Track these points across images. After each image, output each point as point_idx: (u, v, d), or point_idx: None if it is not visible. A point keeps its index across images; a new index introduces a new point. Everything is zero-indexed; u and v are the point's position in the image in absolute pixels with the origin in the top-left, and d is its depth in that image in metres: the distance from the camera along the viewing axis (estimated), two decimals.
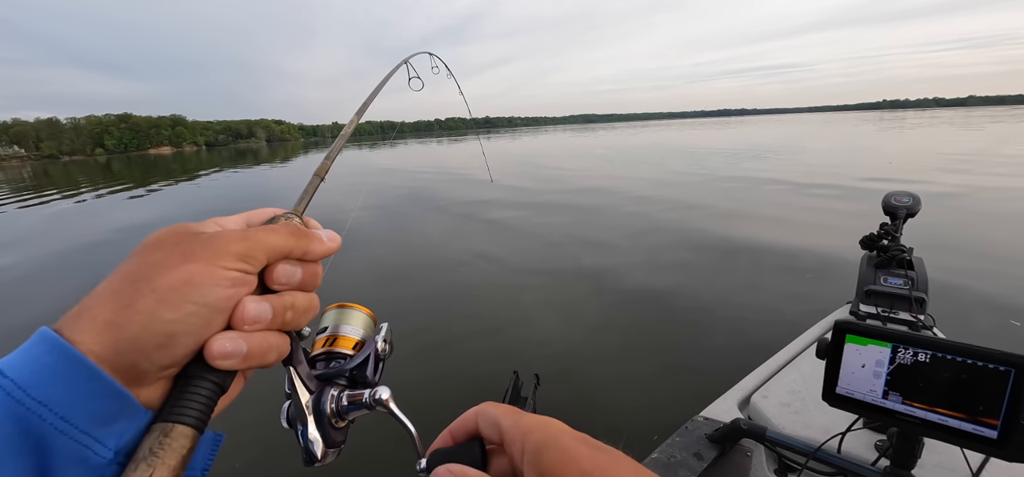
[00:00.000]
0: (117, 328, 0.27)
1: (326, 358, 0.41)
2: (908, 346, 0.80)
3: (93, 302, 0.28)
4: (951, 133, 27.50)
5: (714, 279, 4.85)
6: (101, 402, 0.26)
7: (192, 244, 0.30)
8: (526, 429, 0.31)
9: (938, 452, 1.03)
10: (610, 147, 29.09)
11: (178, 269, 0.29)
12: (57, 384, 0.25)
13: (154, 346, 0.27)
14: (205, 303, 0.29)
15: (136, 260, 0.29)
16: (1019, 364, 0.71)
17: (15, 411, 0.24)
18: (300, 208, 0.41)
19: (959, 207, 7.49)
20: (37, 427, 0.24)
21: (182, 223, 0.32)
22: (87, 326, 0.27)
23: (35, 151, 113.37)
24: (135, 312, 0.27)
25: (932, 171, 11.57)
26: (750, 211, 8.13)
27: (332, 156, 0.48)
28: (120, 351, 0.27)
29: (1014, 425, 0.72)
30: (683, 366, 3.23)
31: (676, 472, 1.16)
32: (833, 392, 0.89)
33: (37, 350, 0.26)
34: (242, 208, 0.40)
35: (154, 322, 0.27)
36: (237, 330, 0.31)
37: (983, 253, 5.15)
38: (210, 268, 0.30)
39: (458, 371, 3.28)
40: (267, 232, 0.34)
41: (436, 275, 5.43)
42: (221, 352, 0.30)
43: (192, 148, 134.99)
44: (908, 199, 1.52)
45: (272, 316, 0.32)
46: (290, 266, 0.34)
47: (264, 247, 0.33)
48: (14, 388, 0.24)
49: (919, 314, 1.23)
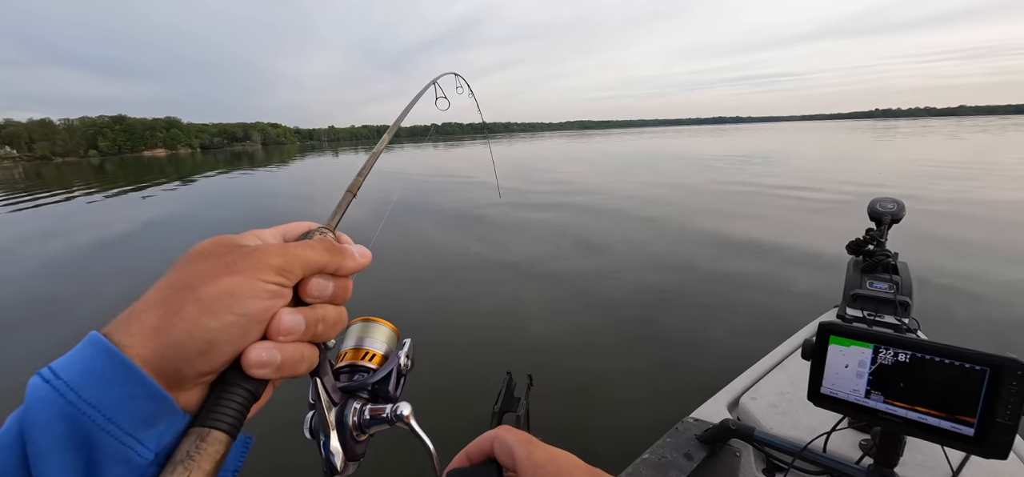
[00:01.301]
0: (163, 334, 0.28)
1: (350, 371, 0.42)
2: (889, 347, 0.83)
3: (142, 308, 0.29)
4: (940, 142, 27.91)
5: (706, 282, 4.89)
6: (145, 405, 0.27)
7: (235, 256, 0.31)
8: (538, 462, 0.32)
9: (920, 451, 1.05)
10: (607, 154, 29.23)
11: (221, 280, 0.30)
12: (106, 387, 0.26)
13: (196, 353, 0.29)
14: (245, 313, 0.30)
15: (182, 269, 0.31)
16: (994, 364, 0.74)
17: (67, 411, 0.25)
18: (333, 223, 0.42)
19: (945, 214, 7.61)
20: (86, 427, 0.26)
21: (225, 235, 0.34)
22: (136, 331, 0.28)
23: (28, 152, 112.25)
24: (180, 319, 0.28)
25: (921, 179, 11.73)
26: (741, 217, 8.20)
27: (364, 173, 0.49)
28: (165, 356, 0.28)
29: (990, 423, 0.75)
30: (675, 368, 3.25)
31: (666, 472, 1.17)
32: (818, 392, 0.91)
33: (88, 353, 0.27)
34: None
35: (197, 329, 0.28)
36: (272, 340, 0.32)
37: (966, 257, 5.24)
38: (250, 280, 0.31)
39: (460, 370, 3.28)
40: (304, 247, 0.35)
41: (440, 275, 5.44)
42: (257, 361, 0.31)
43: (187, 151, 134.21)
44: (893, 205, 1.55)
45: (305, 328, 0.33)
46: (323, 280, 0.35)
47: (301, 262, 0.34)
48: (67, 389, 0.26)
49: (903, 317, 1.25)
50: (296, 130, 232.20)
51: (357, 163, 8.17)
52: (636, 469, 1.19)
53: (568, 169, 19.20)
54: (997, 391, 0.73)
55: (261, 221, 2.41)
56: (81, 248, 8.16)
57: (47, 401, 0.26)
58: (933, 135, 38.04)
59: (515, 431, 0.39)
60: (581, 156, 27.45)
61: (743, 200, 9.90)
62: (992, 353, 0.74)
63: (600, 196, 11.13)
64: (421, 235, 7.60)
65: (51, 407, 0.25)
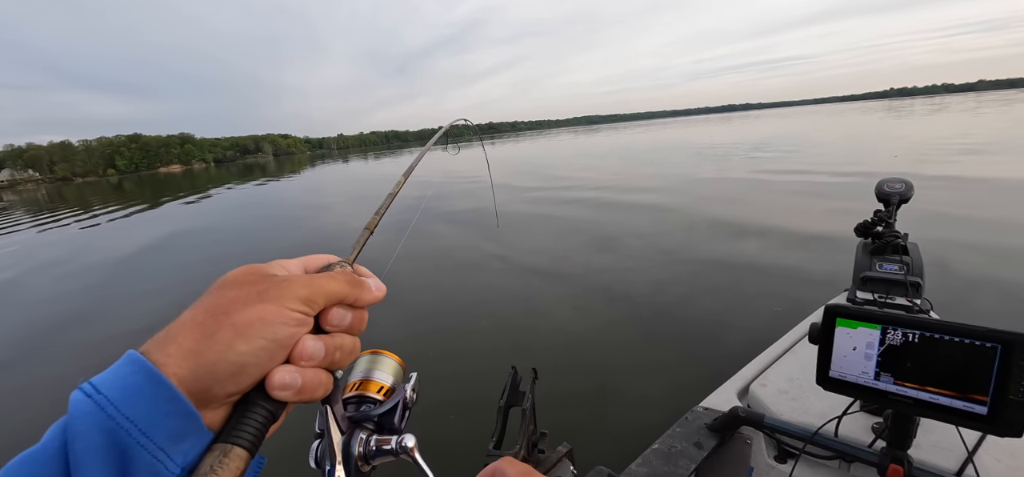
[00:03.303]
0: (199, 356, 0.30)
1: (357, 401, 0.43)
2: (897, 327, 0.81)
3: (179, 330, 0.31)
4: (954, 119, 27.10)
5: (718, 271, 4.84)
6: (176, 421, 0.29)
7: (265, 285, 0.34)
8: None
9: (934, 432, 1.03)
10: (613, 149, 29.03)
11: (254, 307, 0.32)
12: (143, 403, 0.28)
13: (228, 375, 0.31)
14: (273, 339, 0.32)
15: (217, 295, 0.33)
16: (1006, 340, 0.72)
17: (106, 424, 0.27)
18: (351, 257, 0.44)
19: (962, 192, 7.39)
20: (123, 441, 0.27)
21: (255, 265, 0.36)
22: (173, 351, 0.30)
23: (49, 174, 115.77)
24: (215, 342, 0.30)
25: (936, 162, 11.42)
26: (752, 205, 8.10)
27: (381, 212, 0.51)
28: (199, 376, 0.30)
29: (1003, 400, 0.73)
30: (685, 358, 3.23)
31: (676, 462, 1.17)
32: (826, 376, 0.90)
33: (127, 370, 0.29)
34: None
35: (230, 353, 0.30)
36: (294, 365, 0.34)
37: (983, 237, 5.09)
38: (279, 308, 0.33)
39: (468, 365, 3.30)
40: (327, 279, 0.37)
41: (445, 277, 5.47)
42: (280, 383, 0.33)
43: (201, 165, 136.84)
44: (900, 185, 1.52)
45: (325, 355, 0.35)
46: (342, 310, 0.37)
47: (324, 293, 0.36)
48: (107, 404, 0.28)
49: (915, 298, 1.23)
50: (306, 140, 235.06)
51: (365, 170, 8.25)
52: (646, 459, 1.19)
53: (576, 167, 19.11)
54: (1009, 368, 0.71)
55: (281, 225, 2.42)
56: (115, 264, 8.40)
57: (88, 414, 0.27)
58: (945, 113, 36.96)
59: (516, 464, 0.40)
60: (590, 151, 27.28)
61: (753, 189, 9.75)
62: (1002, 329, 0.72)
63: (608, 191, 11.07)
64: (432, 233, 7.66)
65: (92, 420, 0.27)
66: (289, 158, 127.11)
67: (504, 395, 1.06)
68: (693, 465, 1.16)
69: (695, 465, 1.16)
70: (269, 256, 0.38)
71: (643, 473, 1.14)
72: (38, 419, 1.58)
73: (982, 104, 50.21)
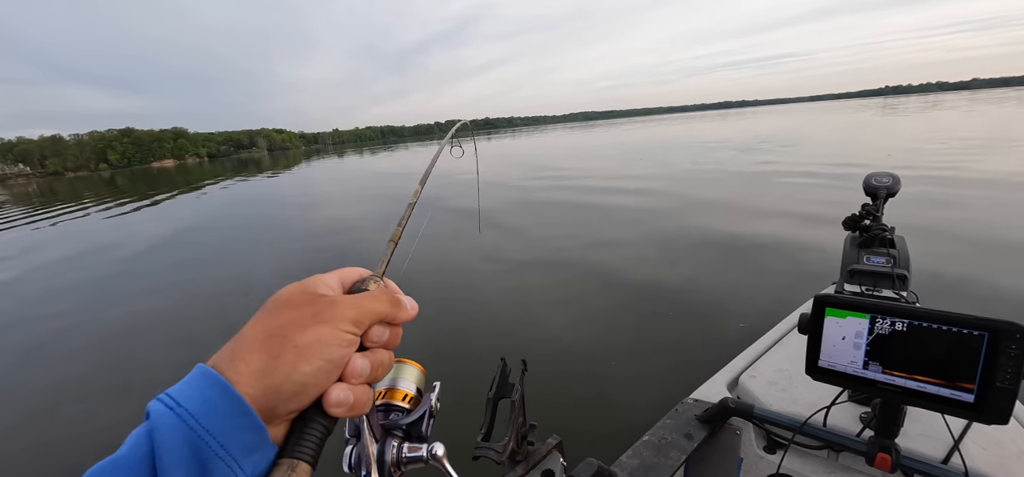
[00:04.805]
0: (266, 376, 0.32)
1: (385, 409, 0.45)
2: (885, 316, 0.81)
3: (246, 349, 0.33)
4: (942, 117, 27.32)
5: (710, 267, 4.87)
6: (248, 435, 0.31)
7: (319, 307, 0.36)
8: None
9: (920, 421, 1.04)
10: (612, 144, 29.05)
11: (312, 329, 0.34)
12: (220, 416, 0.30)
13: (291, 394, 0.33)
14: (330, 360, 0.34)
15: (275, 316, 0.35)
16: (992, 328, 0.72)
17: (189, 436, 0.29)
18: (380, 271, 0.46)
19: (947, 192, 7.46)
20: (203, 452, 0.29)
21: (302, 284, 0.38)
22: (243, 370, 0.32)
23: (40, 168, 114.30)
24: (281, 364, 0.32)
25: (927, 158, 11.51)
26: (744, 199, 8.14)
27: (403, 223, 0.53)
28: (266, 394, 0.32)
29: (990, 388, 0.73)
30: (675, 350, 3.24)
31: (667, 453, 1.17)
32: (816, 365, 0.90)
33: (202, 384, 0.31)
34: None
35: (295, 373, 0.33)
36: (346, 383, 0.36)
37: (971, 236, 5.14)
38: (334, 330, 0.35)
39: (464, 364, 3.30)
40: (372, 300, 0.39)
41: (445, 276, 5.46)
42: (337, 401, 0.35)
43: (194, 160, 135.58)
44: (888, 179, 1.54)
45: (370, 372, 0.37)
46: (382, 328, 0.39)
47: (370, 314, 0.38)
48: (189, 416, 0.30)
49: (901, 290, 1.23)
50: (301, 134, 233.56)
51: (361, 165, 8.22)
52: (637, 451, 1.19)
53: (572, 162, 19.12)
54: (996, 356, 0.72)
55: (293, 222, 2.39)
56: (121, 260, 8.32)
57: (172, 426, 0.29)
58: (945, 111, 37.24)
59: None
60: (587, 146, 27.30)
61: (749, 185, 9.80)
62: (990, 317, 0.72)
63: (603, 183, 11.07)
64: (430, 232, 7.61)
65: (176, 432, 0.29)
66: (284, 153, 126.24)
67: (493, 387, 1.05)
68: (683, 456, 1.16)
69: (685, 456, 1.17)
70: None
71: (634, 464, 1.14)
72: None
73: (975, 102, 50.65)
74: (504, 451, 0.89)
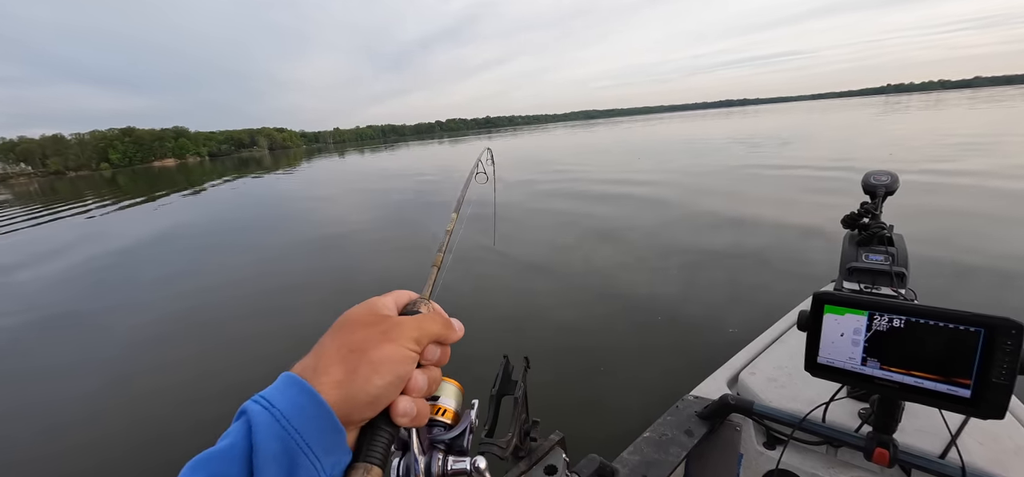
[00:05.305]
0: (344, 387, 0.36)
1: (429, 424, 0.47)
2: (883, 312, 0.82)
3: (327, 362, 0.37)
4: (955, 115, 27.23)
5: (710, 262, 4.88)
6: (329, 437, 0.35)
7: (388, 326, 0.40)
8: None
9: (918, 416, 1.05)
10: (615, 144, 29.01)
11: (383, 347, 0.38)
12: (307, 419, 0.34)
13: (365, 404, 0.37)
14: (397, 375, 0.38)
15: (350, 333, 0.39)
16: (988, 324, 0.73)
17: (280, 435, 0.33)
18: (427, 293, 0.49)
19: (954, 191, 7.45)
20: (292, 450, 0.33)
21: (368, 304, 0.43)
22: (326, 381, 0.36)
23: (42, 168, 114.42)
24: (357, 377, 0.36)
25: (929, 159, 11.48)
26: (745, 198, 8.15)
27: (443, 249, 0.57)
28: (344, 403, 0.36)
29: (986, 383, 0.74)
30: (676, 347, 3.25)
31: (668, 449, 1.18)
32: (815, 362, 0.91)
33: (291, 391, 0.35)
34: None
35: (369, 386, 0.37)
36: (409, 396, 0.40)
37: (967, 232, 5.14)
38: (400, 348, 0.39)
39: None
40: (429, 322, 0.43)
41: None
42: (403, 411, 0.39)
43: (196, 159, 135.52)
44: (886, 177, 1.54)
45: (428, 387, 0.42)
46: (435, 347, 0.43)
47: (429, 334, 0.42)
48: (282, 417, 0.33)
49: (900, 288, 1.24)
50: (301, 133, 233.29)
51: (364, 164, 8.21)
52: (638, 447, 1.20)
53: (575, 159, 19.10)
54: (991, 351, 0.73)
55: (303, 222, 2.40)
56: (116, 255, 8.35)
57: (268, 425, 0.33)
58: (947, 109, 37.10)
59: None
60: (593, 146, 27.26)
61: (750, 183, 9.79)
62: (986, 313, 0.73)
63: (606, 183, 11.07)
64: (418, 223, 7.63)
65: (271, 430, 0.33)
66: (285, 152, 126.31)
67: (496, 384, 1.06)
68: (684, 452, 1.17)
69: (686, 452, 1.18)
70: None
71: (635, 461, 1.15)
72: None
73: (977, 101, 50.48)
74: (507, 447, 0.91)
